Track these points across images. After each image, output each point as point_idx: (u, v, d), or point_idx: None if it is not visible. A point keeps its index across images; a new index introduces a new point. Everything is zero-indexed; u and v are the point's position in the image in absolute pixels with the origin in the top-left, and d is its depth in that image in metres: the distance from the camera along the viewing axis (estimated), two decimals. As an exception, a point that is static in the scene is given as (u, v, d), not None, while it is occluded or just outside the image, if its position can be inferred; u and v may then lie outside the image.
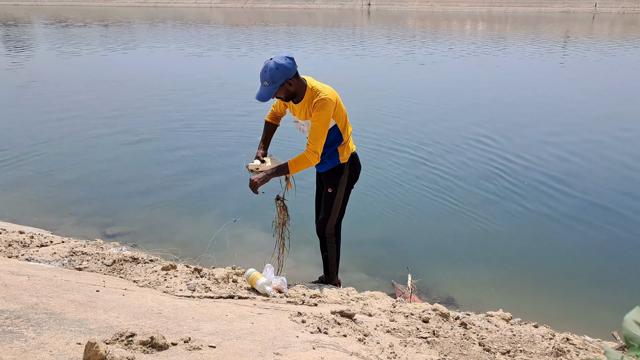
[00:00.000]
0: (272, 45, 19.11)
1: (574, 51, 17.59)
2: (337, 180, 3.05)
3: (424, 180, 5.66)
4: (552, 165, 6.12)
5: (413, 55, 16.38)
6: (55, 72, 12.78)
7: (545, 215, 4.90)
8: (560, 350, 2.28)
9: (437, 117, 8.43)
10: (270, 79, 2.68)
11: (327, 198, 3.10)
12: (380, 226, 4.74)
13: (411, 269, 3.82)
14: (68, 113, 8.51)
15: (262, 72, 2.70)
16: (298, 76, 2.77)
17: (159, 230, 4.54)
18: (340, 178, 3.05)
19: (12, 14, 36.51)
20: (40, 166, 6.06)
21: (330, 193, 3.07)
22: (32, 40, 20.21)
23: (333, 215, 3.13)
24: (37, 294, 1.92)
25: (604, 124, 8.03)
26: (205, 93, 10.31)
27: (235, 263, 3.39)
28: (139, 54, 16.28)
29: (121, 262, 2.85)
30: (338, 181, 3.05)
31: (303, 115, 2.88)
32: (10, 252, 2.84)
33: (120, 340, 1.61)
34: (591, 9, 38.58)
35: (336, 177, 3.04)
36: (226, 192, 5.40)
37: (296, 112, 2.93)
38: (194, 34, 23.74)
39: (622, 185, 5.57)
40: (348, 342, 2.03)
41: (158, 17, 34.70)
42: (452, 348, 2.18)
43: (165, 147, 6.83)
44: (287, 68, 2.68)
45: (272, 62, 2.69)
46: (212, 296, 2.51)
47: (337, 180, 3.05)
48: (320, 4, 44.91)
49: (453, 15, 37.07)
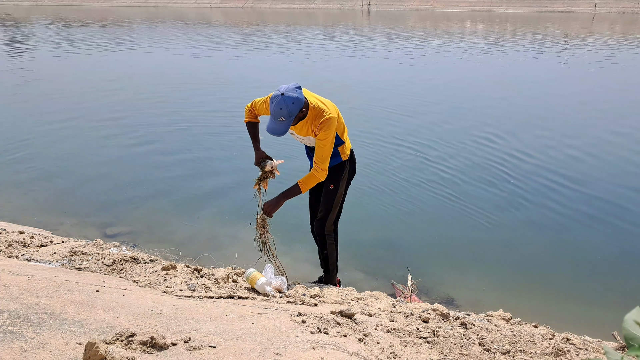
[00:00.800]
0: (273, 45, 19.11)
1: (581, 50, 17.59)
2: (339, 177, 3.08)
3: (424, 180, 5.66)
4: (553, 166, 6.12)
5: (412, 56, 16.38)
6: (56, 72, 12.79)
7: (545, 215, 4.90)
8: (560, 350, 2.28)
9: (437, 117, 8.43)
10: (288, 115, 2.63)
11: (328, 194, 3.11)
12: (380, 226, 4.73)
13: (411, 269, 3.82)
14: (68, 113, 8.52)
15: (276, 110, 2.62)
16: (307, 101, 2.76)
17: (159, 230, 4.54)
18: (342, 174, 3.08)
19: (12, 14, 36.50)
20: (40, 166, 6.06)
21: (332, 189, 3.09)
22: (33, 41, 20.22)
23: (333, 211, 3.16)
24: (37, 294, 1.92)
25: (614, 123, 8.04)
26: (205, 93, 10.31)
27: (235, 263, 3.39)
28: (140, 54, 16.28)
29: (121, 262, 2.85)
30: (340, 177, 3.08)
31: (304, 132, 2.86)
32: (10, 252, 2.84)
33: (120, 340, 1.61)
34: (591, 9, 38.57)
35: (337, 173, 3.07)
36: (226, 192, 5.40)
37: (296, 127, 2.90)
38: (194, 34, 23.74)
39: (622, 186, 5.56)
40: (348, 342, 2.03)
41: (158, 17, 34.71)
42: (452, 348, 2.18)
43: (165, 148, 6.83)
44: (300, 100, 2.65)
45: (286, 98, 2.61)
46: (212, 296, 2.51)
47: (338, 177, 3.08)
48: (320, 4, 44.91)
49: (453, 16, 37.07)
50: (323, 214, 3.17)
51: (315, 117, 2.77)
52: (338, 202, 3.15)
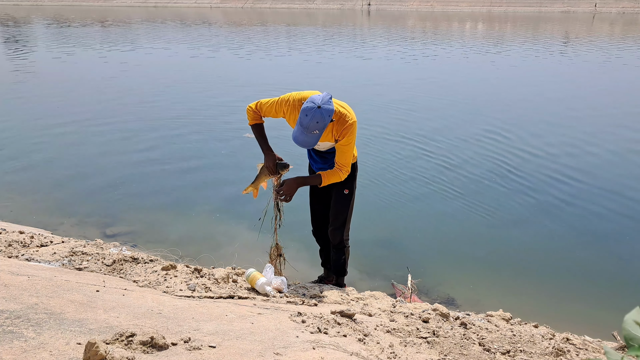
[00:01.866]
0: (273, 45, 19.11)
1: (587, 51, 17.60)
2: (352, 181, 3.06)
3: (424, 180, 5.66)
4: (554, 166, 6.12)
5: (413, 55, 16.39)
6: (56, 72, 12.78)
7: (545, 216, 4.90)
8: (560, 350, 2.28)
9: (438, 117, 8.43)
10: (322, 128, 2.57)
11: (344, 199, 3.06)
12: (381, 226, 4.74)
13: (411, 269, 3.82)
14: (69, 114, 8.52)
15: (312, 123, 2.52)
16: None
17: (159, 230, 4.54)
18: (354, 178, 3.07)
19: (12, 14, 36.50)
20: (40, 166, 6.07)
21: (347, 194, 3.05)
22: (33, 40, 20.22)
23: (349, 216, 3.12)
24: (37, 294, 1.92)
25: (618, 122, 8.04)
26: (205, 93, 10.31)
27: (235, 263, 3.39)
28: (139, 54, 16.27)
29: (121, 262, 2.85)
30: (353, 181, 3.07)
31: (325, 138, 2.78)
32: (10, 252, 2.84)
33: (120, 340, 1.61)
34: (591, 9, 38.57)
35: (350, 177, 3.02)
36: (226, 193, 5.40)
37: None
38: (193, 34, 23.74)
39: (623, 186, 5.56)
40: (348, 342, 2.03)
41: (158, 17, 34.70)
42: (452, 348, 2.18)
43: (165, 148, 6.83)
44: (333, 111, 2.60)
45: (322, 111, 2.52)
46: (212, 296, 2.51)
47: (352, 181, 3.06)
48: (320, 4, 44.91)
49: (453, 16, 37.08)
50: (340, 221, 3.10)
51: (337, 123, 2.71)
52: (352, 206, 3.11)
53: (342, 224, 3.11)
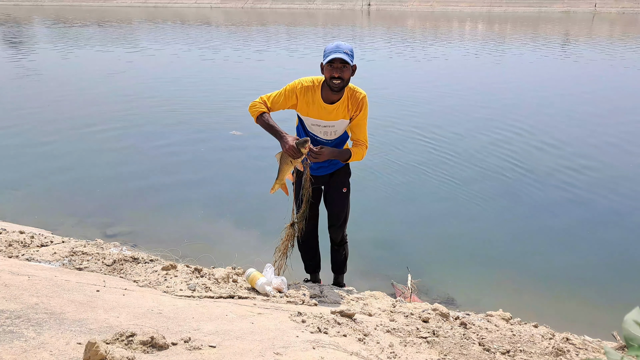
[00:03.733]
0: (273, 45, 19.11)
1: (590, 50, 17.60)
2: (349, 178, 3.10)
3: (424, 180, 5.66)
4: (555, 166, 6.12)
5: (414, 55, 16.39)
6: (56, 71, 12.78)
7: (546, 216, 4.90)
8: (560, 350, 2.28)
9: (438, 117, 8.43)
10: (352, 55, 2.68)
11: (343, 198, 3.08)
12: (380, 226, 4.73)
13: (411, 269, 3.82)
14: (68, 112, 8.52)
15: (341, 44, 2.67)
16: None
17: (159, 230, 4.54)
18: (349, 175, 3.10)
19: (12, 14, 36.51)
20: (40, 166, 6.06)
21: (345, 192, 3.08)
22: (34, 40, 20.22)
23: (347, 213, 3.16)
24: (37, 294, 1.92)
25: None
26: (205, 93, 10.31)
27: (235, 263, 3.39)
28: (139, 54, 16.27)
29: (121, 262, 2.85)
30: (349, 178, 3.10)
31: (339, 114, 2.78)
32: (10, 252, 2.84)
33: (120, 340, 1.61)
34: (591, 9, 38.57)
35: (347, 174, 3.08)
36: (227, 193, 5.40)
37: (325, 113, 2.77)
38: (193, 34, 23.74)
39: (624, 186, 5.56)
40: (348, 342, 2.03)
41: (158, 17, 34.71)
42: (452, 348, 2.18)
43: (166, 148, 6.83)
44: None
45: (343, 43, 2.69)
46: (212, 296, 2.51)
47: (349, 178, 3.10)
48: (320, 4, 44.90)
49: (453, 16, 37.08)
50: (342, 219, 3.13)
51: (351, 97, 2.78)
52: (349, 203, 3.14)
53: (344, 222, 3.16)
